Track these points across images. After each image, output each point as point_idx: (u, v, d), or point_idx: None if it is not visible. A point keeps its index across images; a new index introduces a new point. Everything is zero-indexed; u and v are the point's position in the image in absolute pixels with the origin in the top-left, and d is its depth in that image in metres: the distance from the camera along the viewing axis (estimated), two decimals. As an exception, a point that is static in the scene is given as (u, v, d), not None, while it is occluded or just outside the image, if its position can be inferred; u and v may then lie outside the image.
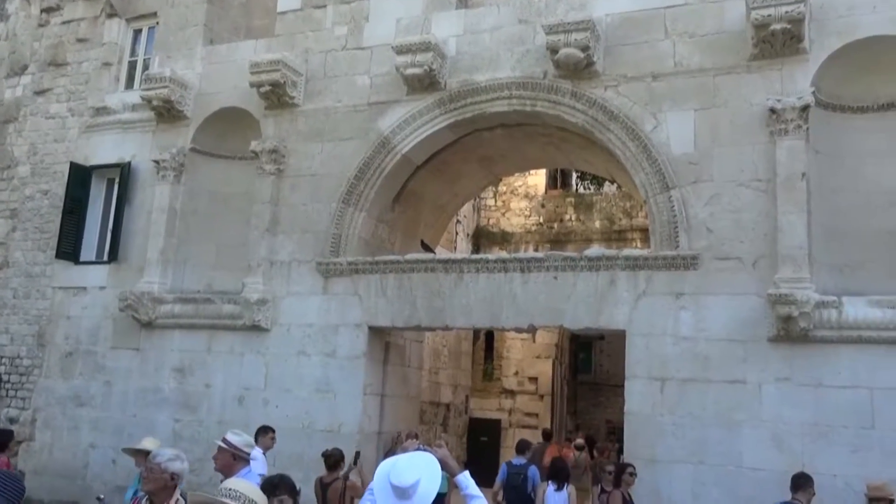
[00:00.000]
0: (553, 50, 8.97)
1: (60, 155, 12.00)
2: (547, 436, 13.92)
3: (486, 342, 18.57)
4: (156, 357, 10.65)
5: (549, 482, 8.27)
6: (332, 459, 7.49)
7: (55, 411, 11.09)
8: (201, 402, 10.25)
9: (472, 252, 17.25)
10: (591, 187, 21.92)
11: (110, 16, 12.24)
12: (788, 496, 6.87)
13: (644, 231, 18.81)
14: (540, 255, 9.23)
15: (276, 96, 10.44)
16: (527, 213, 19.47)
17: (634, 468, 7.84)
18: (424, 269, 9.54)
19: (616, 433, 17.48)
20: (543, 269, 8.94)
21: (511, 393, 18.06)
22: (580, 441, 12.55)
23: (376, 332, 9.83)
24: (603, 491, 8.61)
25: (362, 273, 9.78)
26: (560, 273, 8.87)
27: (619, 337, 20.95)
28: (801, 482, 6.82)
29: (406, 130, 9.94)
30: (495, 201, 19.54)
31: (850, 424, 7.50)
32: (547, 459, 10.27)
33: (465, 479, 3.58)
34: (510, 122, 9.91)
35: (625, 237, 18.64)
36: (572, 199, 19.65)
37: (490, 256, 9.63)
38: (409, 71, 9.59)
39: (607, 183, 21.73)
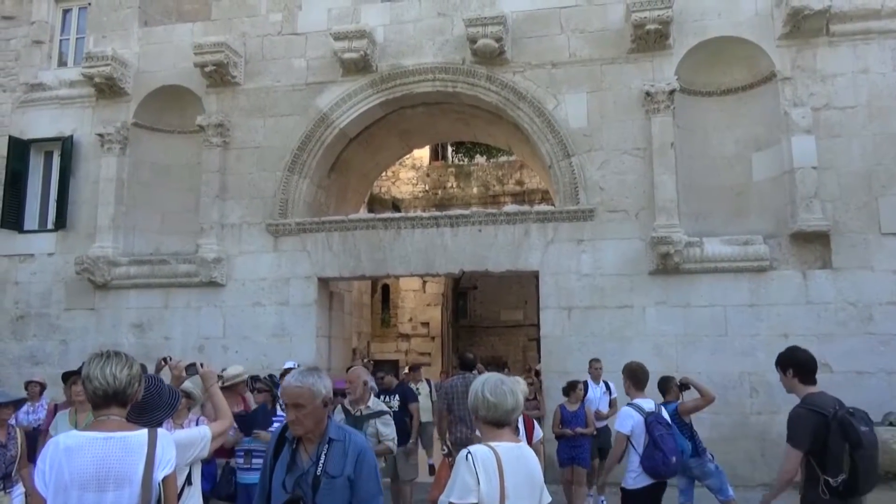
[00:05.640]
0: (472, 40, 10.00)
1: (-6, 129, 11.65)
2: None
3: (383, 294, 19.56)
4: (112, 316, 10.83)
5: None
6: None
7: (10, 371, 10.95)
8: (162, 354, 10.52)
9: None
10: (465, 159, 23.35)
11: (39, -5, 11.91)
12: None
13: (514, 196, 20.46)
14: (466, 211, 10.35)
15: (220, 76, 10.79)
16: (414, 181, 20.51)
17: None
18: (366, 226, 10.40)
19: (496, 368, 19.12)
20: (469, 224, 10.07)
21: (406, 336, 19.23)
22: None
23: (324, 283, 10.61)
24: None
25: (310, 232, 10.49)
26: (483, 226, 10.03)
27: (490, 286, 22.68)
28: (665, 386, 6.81)
29: (343, 108, 10.67)
30: (386, 172, 20.40)
31: (709, 333, 9.26)
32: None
33: None
34: (432, 100, 10.87)
35: (498, 201, 20.10)
36: (453, 169, 20.91)
37: (424, 214, 10.64)
38: (347, 55, 10.31)
39: (478, 155, 23.32)
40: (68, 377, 5.28)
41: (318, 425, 2.86)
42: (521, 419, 4.51)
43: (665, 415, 5.77)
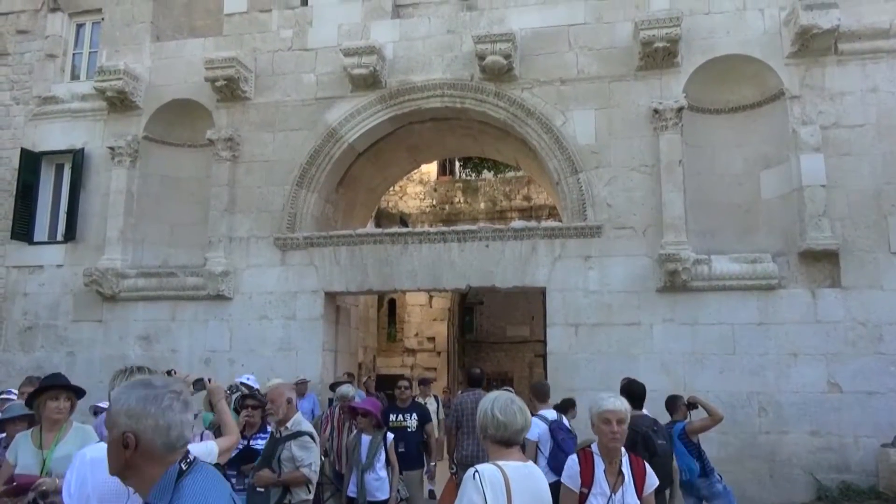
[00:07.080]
0: (481, 56, 10.02)
1: (6, 142, 11.73)
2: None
3: (389, 309, 19.52)
4: (119, 328, 10.83)
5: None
6: None
7: (17, 382, 10.84)
8: (168, 366, 10.52)
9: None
10: (473, 174, 23.36)
11: (53, 10, 12.03)
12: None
13: (521, 211, 20.43)
14: (473, 227, 10.31)
15: (230, 90, 10.84)
16: (421, 196, 20.54)
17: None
18: (374, 241, 10.38)
19: (500, 383, 19.01)
20: (477, 239, 10.04)
21: (412, 351, 19.17)
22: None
23: (331, 297, 10.58)
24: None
25: (317, 246, 10.48)
26: (491, 242, 10.00)
27: (496, 302, 22.58)
28: (672, 405, 7.05)
29: (351, 123, 10.69)
30: (394, 187, 20.42)
31: (717, 352, 9.17)
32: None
33: None
34: (440, 116, 10.88)
35: (506, 217, 20.07)
36: (460, 185, 20.92)
37: (431, 229, 10.62)
38: (356, 71, 10.34)
39: (486, 170, 23.32)
40: (36, 395, 4.38)
41: (125, 474, 1.82)
42: (627, 461, 3.59)
43: (566, 422, 6.58)
